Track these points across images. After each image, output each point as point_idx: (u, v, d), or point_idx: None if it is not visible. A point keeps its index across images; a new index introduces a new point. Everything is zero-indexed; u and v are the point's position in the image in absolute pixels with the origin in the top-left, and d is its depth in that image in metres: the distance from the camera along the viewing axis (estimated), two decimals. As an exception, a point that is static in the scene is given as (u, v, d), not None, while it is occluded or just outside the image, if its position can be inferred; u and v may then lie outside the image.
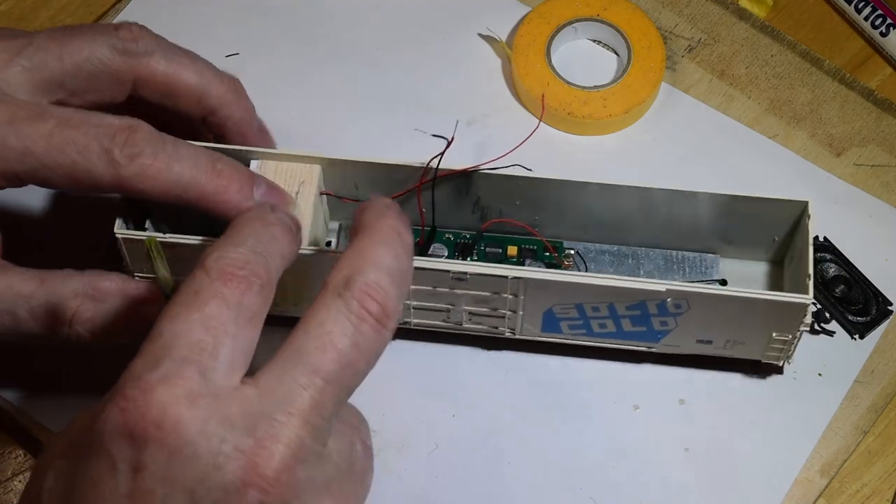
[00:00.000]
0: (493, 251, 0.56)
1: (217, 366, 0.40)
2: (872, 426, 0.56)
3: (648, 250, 0.57)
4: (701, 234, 0.56)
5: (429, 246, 0.56)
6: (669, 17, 0.64)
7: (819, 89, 0.63)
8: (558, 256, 0.56)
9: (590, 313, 0.53)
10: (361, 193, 0.56)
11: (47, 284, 0.50)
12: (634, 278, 0.51)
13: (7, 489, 0.56)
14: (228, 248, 0.42)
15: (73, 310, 0.50)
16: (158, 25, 0.58)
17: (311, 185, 0.54)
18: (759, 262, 0.57)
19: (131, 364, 0.40)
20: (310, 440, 0.39)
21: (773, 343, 0.53)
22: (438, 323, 0.55)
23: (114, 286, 0.51)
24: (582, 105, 0.61)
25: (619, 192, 0.54)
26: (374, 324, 0.41)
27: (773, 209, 0.54)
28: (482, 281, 0.52)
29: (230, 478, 0.38)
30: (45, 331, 0.51)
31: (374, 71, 0.64)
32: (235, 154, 0.54)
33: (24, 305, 0.50)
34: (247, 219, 0.45)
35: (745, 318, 0.52)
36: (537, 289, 0.52)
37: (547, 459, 0.55)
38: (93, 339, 0.51)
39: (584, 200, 0.55)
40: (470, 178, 0.54)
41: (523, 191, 0.54)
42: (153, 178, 0.49)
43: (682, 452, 0.56)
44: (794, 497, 0.55)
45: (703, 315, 0.52)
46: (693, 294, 0.51)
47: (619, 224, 0.56)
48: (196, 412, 0.38)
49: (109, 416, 0.38)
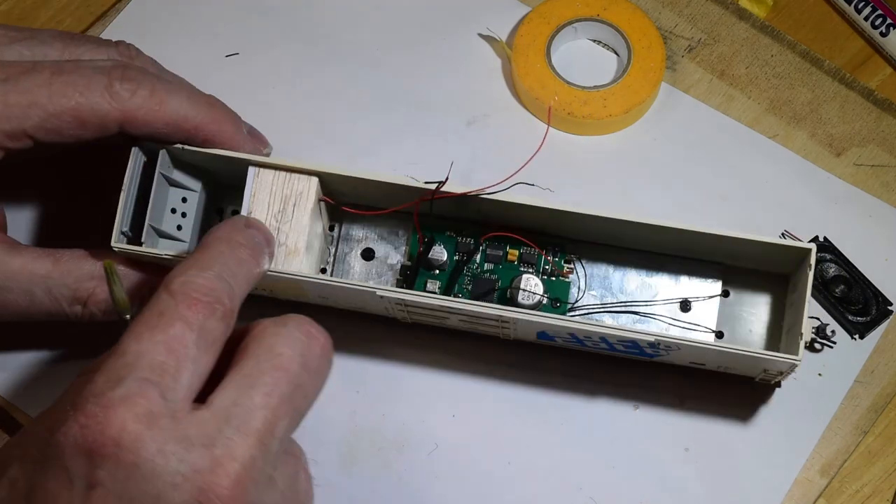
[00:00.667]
0: (494, 254, 0.56)
1: (177, 387, 0.40)
2: (872, 426, 0.56)
3: (651, 256, 0.56)
4: (706, 250, 0.55)
5: (426, 255, 0.56)
6: (669, 17, 0.64)
7: (819, 89, 0.63)
8: (557, 268, 0.56)
9: (582, 338, 0.53)
10: (361, 201, 0.56)
11: (63, 265, 0.51)
12: (622, 328, 0.51)
13: (7, 489, 0.56)
14: (194, 273, 0.43)
15: (90, 291, 0.52)
16: (158, 25, 0.58)
17: (309, 197, 0.53)
18: (764, 273, 0.56)
19: (93, 378, 0.40)
20: (262, 461, 0.40)
21: (764, 376, 0.54)
22: (434, 322, 0.55)
23: (126, 268, 0.52)
24: (582, 105, 0.61)
25: (619, 225, 0.53)
26: (324, 343, 0.43)
27: (778, 251, 0.53)
28: (471, 314, 0.52)
29: (186, 497, 0.38)
30: (60, 310, 0.52)
31: (374, 71, 0.64)
32: (235, 162, 0.54)
33: (41, 286, 0.51)
34: (215, 239, 0.46)
35: (736, 362, 0.53)
36: (529, 322, 0.52)
37: (547, 459, 0.55)
38: (104, 317, 0.53)
39: (584, 226, 0.54)
40: (470, 200, 0.53)
41: (524, 213, 0.54)
42: (155, 110, 0.51)
43: (682, 452, 0.56)
44: (794, 497, 0.55)
45: (694, 354, 0.53)
46: (682, 344, 0.51)
47: (621, 241, 0.56)
48: (155, 432, 0.39)
49: (69, 431, 0.39)
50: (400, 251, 0.57)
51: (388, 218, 0.57)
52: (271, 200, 0.53)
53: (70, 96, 0.50)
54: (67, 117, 0.50)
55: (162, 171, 0.53)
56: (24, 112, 0.50)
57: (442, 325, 0.56)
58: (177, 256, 0.52)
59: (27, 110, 0.50)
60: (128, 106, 0.50)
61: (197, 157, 0.54)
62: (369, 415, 0.57)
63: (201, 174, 0.56)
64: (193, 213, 0.56)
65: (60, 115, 0.50)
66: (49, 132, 0.50)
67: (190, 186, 0.56)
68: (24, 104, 0.50)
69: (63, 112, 0.50)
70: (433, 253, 0.56)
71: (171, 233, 0.55)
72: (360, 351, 0.57)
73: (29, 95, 0.50)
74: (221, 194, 0.58)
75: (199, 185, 0.56)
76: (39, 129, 0.50)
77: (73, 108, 0.50)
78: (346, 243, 0.57)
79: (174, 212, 0.55)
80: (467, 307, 0.51)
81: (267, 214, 0.53)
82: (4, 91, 0.50)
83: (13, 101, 0.50)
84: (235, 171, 0.54)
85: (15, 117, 0.50)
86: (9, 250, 0.51)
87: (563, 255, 0.56)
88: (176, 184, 0.55)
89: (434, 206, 0.54)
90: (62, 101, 0.50)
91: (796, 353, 0.50)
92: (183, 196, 0.55)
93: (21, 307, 0.51)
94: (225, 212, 0.58)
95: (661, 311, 0.56)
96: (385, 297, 0.52)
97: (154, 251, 0.52)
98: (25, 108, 0.50)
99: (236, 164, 0.54)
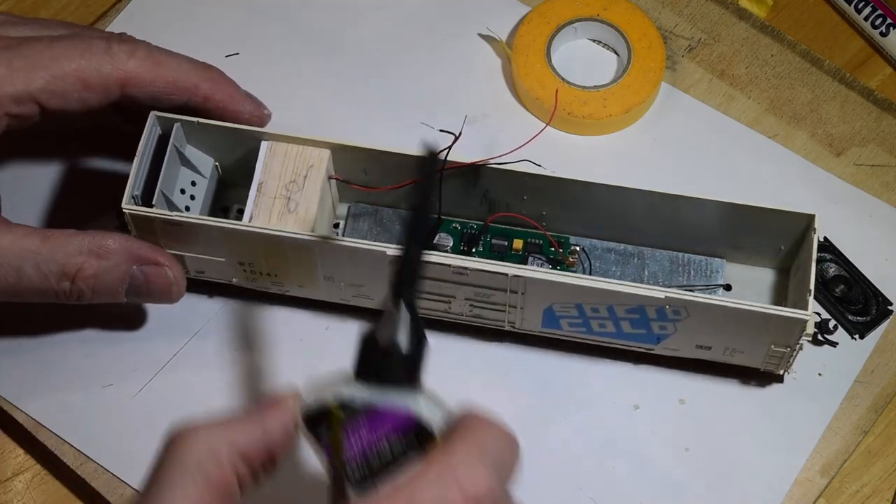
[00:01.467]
0: (499, 243, 0.56)
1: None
2: (872, 426, 0.56)
3: (654, 251, 0.57)
4: (708, 239, 0.56)
5: (434, 235, 0.56)
6: (669, 17, 0.64)
7: (819, 89, 0.63)
8: (563, 253, 0.56)
9: (589, 314, 0.53)
10: (370, 179, 0.56)
11: (52, 241, 0.52)
12: (633, 283, 0.51)
13: (7, 489, 0.56)
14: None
15: (78, 265, 0.52)
16: (158, 25, 0.58)
17: (320, 169, 0.54)
18: (766, 269, 0.57)
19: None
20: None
21: (772, 353, 0.53)
22: (439, 312, 0.55)
23: (117, 245, 0.53)
24: (582, 105, 0.61)
25: (626, 194, 0.54)
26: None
27: (779, 219, 0.53)
28: (483, 276, 0.52)
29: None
30: (48, 286, 0.52)
31: (374, 71, 0.64)
32: (247, 134, 0.54)
33: (30, 261, 0.51)
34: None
35: (744, 329, 0.52)
36: (537, 287, 0.52)
37: (547, 459, 0.55)
38: (93, 295, 0.53)
39: (591, 199, 0.55)
40: (479, 172, 0.54)
41: (531, 187, 0.55)
42: (154, 71, 0.52)
43: (682, 452, 0.56)
44: (794, 497, 0.55)
45: (702, 323, 0.52)
46: (691, 302, 0.51)
47: (625, 223, 0.56)
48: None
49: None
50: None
51: (396, 199, 0.57)
52: (282, 172, 0.54)
53: (72, 58, 0.51)
54: (71, 79, 0.51)
55: (175, 143, 0.54)
56: (28, 76, 0.51)
57: (446, 315, 0.55)
58: (186, 217, 0.52)
59: (31, 73, 0.51)
60: (128, 66, 0.52)
61: (210, 132, 0.54)
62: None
63: (212, 154, 0.56)
64: (199, 208, 0.56)
65: (64, 76, 0.51)
66: (54, 95, 0.51)
67: (200, 170, 0.56)
68: (28, 67, 0.51)
69: (66, 74, 0.51)
70: (439, 240, 0.56)
71: (179, 206, 0.55)
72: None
73: (32, 60, 0.51)
74: (227, 192, 0.58)
75: (208, 169, 0.56)
76: (44, 91, 0.51)
77: (76, 70, 0.51)
78: (353, 220, 0.58)
79: (183, 192, 0.55)
80: (482, 266, 0.51)
81: (278, 184, 0.54)
82: (7, 57, 0.51)
83: (17, 65, 0.51)
84: (247, 149, 0.55)
85: (20, 80, 0.51)
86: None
87: (567, 245, 0.57)
88: (187, 163, 0.55)
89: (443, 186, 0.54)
90: (64, 64, 0.51)
91: (805, 308, 0.50)
92: (192, 179, 0.56)
93: (9, 283, 0.52)
94: (230, 210, 0.58)
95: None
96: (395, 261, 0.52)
97: (163, 212, 0.52)
98: (29, 72, 0.51)
99: (248, 138, 0.54)
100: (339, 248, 0.52)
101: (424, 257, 0.43)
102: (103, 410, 0.56)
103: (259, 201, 0.54)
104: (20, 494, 0.56)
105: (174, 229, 0.53)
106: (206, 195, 0.57)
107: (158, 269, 0.54)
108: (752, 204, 0.53)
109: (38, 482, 0.56)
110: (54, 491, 0.56)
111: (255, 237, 0.52)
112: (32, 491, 0.56)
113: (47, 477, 0.56)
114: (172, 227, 0.53)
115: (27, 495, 0.56)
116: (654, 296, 0.51)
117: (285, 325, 0.58)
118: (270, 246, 0.53)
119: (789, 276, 0.56)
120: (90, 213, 0.58)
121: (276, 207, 0.54)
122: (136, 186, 0.53)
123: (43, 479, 0.56)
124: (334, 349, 0.55)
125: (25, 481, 0.56)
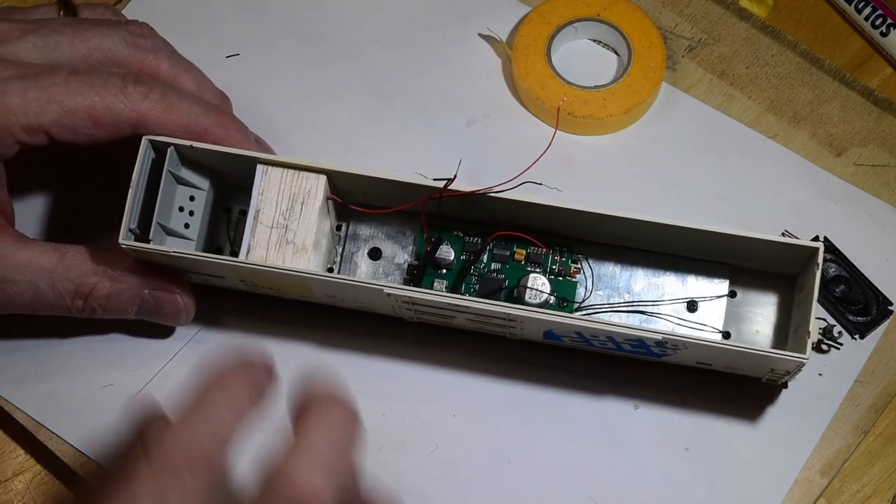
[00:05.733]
0: (501, 254, 0.56)
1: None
2: (873, 426, 0.56)
3: (658, 257, 0.56)
4: (712, 251, 0.55)
5: (434, 254, 0.56)
6: (669, 17, 0.64)
7: (819, 89, 0.63)
8: (564, 267, 0.56)
9: (589, 337, 0.53)
10: (369, 200, 0.56)
11: (67, 260, 0.53)
12: (629, 326, 0.51)
13: (7, 489, 0.56)
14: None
15: (92, 286, 0.53)
16: (159, 25, 0.58)
17: (317, 196, 0.54)
18: (771, 274, 0.56)
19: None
20: None
21: (772, 374, 0.54)
22: (441, 322, 0.55)
23: (130, 267, 0.54)
24: (582, 105, 0.61)
25: (628, 223, 0.53)
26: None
27: (785, 250, 0.53)
28: (478, 311, 0.52)
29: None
30: (62, 304, 0.53)
31: (374, 71, 0.64)
32: (243, 160, 0.54)
33: (46, 279, 0.52)
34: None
35: (743, 361, 0.52)
36: (533, 322, 0.52)
37: (547, 459, 0.55)
38: (104, 313, 0.54)
39: (593, 225, 0.54)
40: (479, 199, 0.53)
41: (533, 214, 0.54)
42: (165, 115, 0.52)
43: (682, 452, 0.56)
44: (794, 497, 0.55)
45: (701, 353, 0.52)
46: (689, 342, 0.51)
47: (630, 238, 0.55)
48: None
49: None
50: (407, 250, 0.57)
51: (395, 217, 0.57)
52: (279, 199, 0.54)
53: (86, 95, 0.52)
54: (83, 115, 0.52)
55: (170, 168, 0.53)
56: (41, 107, 0.51)
57: (448, 325, 0.55)
58: (183, 253, 0.52)
59: (45, 106, 0.51)
60: (141, 107, 0.52)
61: (205, 155, 0.54)
62: (369, 414, 0.56)
63: (209, 173, 0.56)
64: (201, 212, 0.56)
65: (76, 112, 0.51)
66: (64, 129, 0.52)
67: (198, 185, 0.56)
68: (43, 100, 0.51)
69: (79, 109, 0.51)
70: (440, 252, 0.56)
71: (178, 231, 0.55)
72: (360, 350, 0.57)
73: (47, 92, 0.51)
74: (229, 194, 0.58)
75: (206, 183, 0.56)
76: (55, 124, 0.52)
77: (89, 107, 0.52)
78: (353, 242, 0.57)
79: (182, 210, 0.55)
80: (476, 305, 0.51)
81: (275, 212, 0.53)
82: (23, 87, 0.51)
83: (31, 96, 0.51)
84: (243, 171, 0.54)
85: (32, 112, 0.51)
86: (16, 243, 0.53)
87: (570, 255, 0.56)
88: (184, 182, 0.55)
89: (441, 206, 0.54)
90: (78, 99, 0.52)
91: (804, 353, 0.50)
92: (191, 195, 0.56)
93: (25, 299, 0.53)
94: (232, 211, 0.58)
95: (667, 310, 0.56)
96: (392, 295, 0.52)
97: (161, 248, 0.52)
98: (43, 104, 0.51)
99: (244, 161, 0.54)
100: (338, 283, 0.52)
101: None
102: (104, 411, 0.56)
103: (256, 232, 0.53)
104: (20, 494, 0.56)
105: (172, 259, 0.53)
106: (207, 204, 0.56)
107: (170, 295, 0.55)
108: (756, 236, 0.52)
109: (38, 482, 0.56)
110: (54, 491, 0.56)
111: (253, 271, 0.53)
112: (32, 491, 0.56)
113: (47, 477, 0.56)
114: (170, 258, 0.53)
115: (27, 495, 0.56)
116: (652, 336, 0.51)
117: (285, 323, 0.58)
118: (270, 278, 0.53)
119: (794, 286, 0.55)
120: (99, 225, 0.57)
121: (273, 238, 0.53)
122: (132, 220, 0.52)
123: (43, 479, 0.56)
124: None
125: (25, 481, 0.56)
